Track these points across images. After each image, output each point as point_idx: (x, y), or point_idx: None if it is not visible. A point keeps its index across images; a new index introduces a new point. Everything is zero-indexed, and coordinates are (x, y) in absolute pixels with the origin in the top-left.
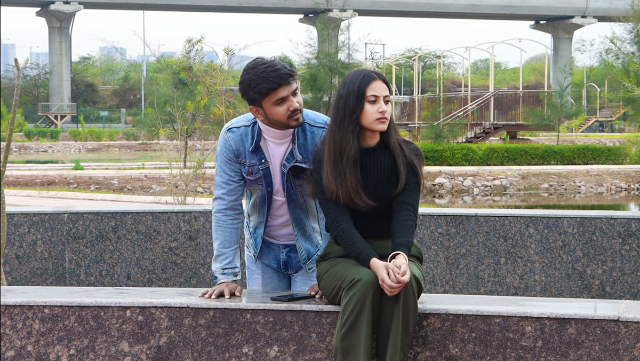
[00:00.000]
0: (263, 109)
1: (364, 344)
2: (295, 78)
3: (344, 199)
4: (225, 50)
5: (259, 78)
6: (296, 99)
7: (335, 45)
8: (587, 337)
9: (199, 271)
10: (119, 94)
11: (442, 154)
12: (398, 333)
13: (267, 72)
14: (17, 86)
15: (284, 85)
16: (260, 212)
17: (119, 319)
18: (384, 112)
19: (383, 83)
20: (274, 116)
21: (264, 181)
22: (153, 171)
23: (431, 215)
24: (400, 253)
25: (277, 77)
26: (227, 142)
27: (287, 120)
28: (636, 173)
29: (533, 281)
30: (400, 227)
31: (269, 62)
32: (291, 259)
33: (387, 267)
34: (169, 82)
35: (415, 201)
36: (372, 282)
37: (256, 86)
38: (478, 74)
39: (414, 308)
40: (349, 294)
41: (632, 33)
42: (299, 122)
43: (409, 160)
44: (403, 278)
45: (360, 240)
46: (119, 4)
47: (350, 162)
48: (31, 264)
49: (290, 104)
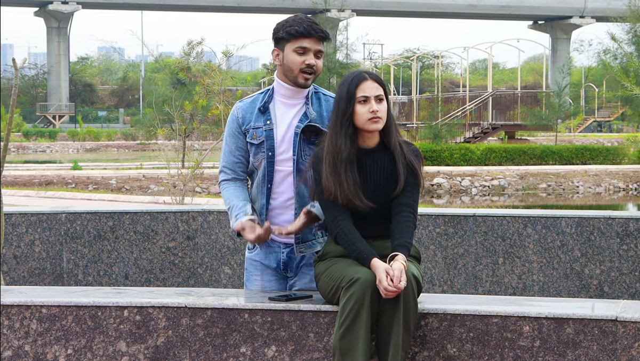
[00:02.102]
0: (283, 52)
1: (363, 343)
2: (325, 41)
3: (342, 200)
4: (224, 52)
5: (296, 22)
6: (316, 60)
7: (334, 45)
8: (585, 337)
9: (197, 271)
10: (117, 94)
11: (441, 154)
12: (399, 332)
13: (305, 21)
14: (15, 86)
15: (313, 37)
16: (262, 191)
17: (116, 319)
18: (375, 111)
19: (375, 83)
20: (290, 63)
21: (266, 144)
22: (151, 171)
23: (429, 215)
24: (398, 255)
25: (310, 27)
26: (235, 114)
27: (298, 72)
28: (634, 173)
29: (531, 281)
30: (399, 228)
31: (311, 18)
32: (292, 260)
33: (387, 270)
34: (167, 82)
35: (414, 202)
36: (371, 281)
37: (290, 26)
38: (476, 74)
39: (414, 307)
40: (347, 293)
41: (629, 33)
42: (307, 82)
43: (409, 161)
44: (400, 285)
45: (361, 240)
46: (117, 4)
47: (346, 164)
48: (29, 264)
49: (308, 58)
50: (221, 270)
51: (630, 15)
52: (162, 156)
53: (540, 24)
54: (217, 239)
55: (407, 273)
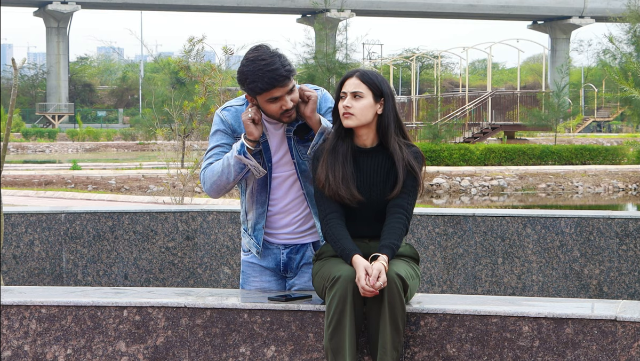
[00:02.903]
0: (257, 100)
1: (350, 340)
2: (292, 77)
3: (329, 192)
4: (224, 49)
5: (255, 75)
6: (291, 97)
7: (333, 45)
8: (584, 337)
9: (196, 271)
10: (117, 94)
11: (440, 155)
12: (386, 331)
13: (263, 71)
14: (15, 86)
15: (279, 86)
16: (260, 201)
17: (116, 319)
18: (346, 107)
19: (357, 80)
20: (267, 111)
21: (265, 156)
22: (150, 171)
23: (429, 215)
24: (380, 255)
25: (273, 78)
26: (224, 119)
27: (279, 116)
28: (633, 173)
29: (530, 281)
30: (387, 229)
31: (269, 58)
32: (291, 261)
33: (366, 268)
34: (167, 82)
35: (409, 205)
36: (352, 278)
37: (251, 82)
38: (476, 74)
39: (400, 305)
40: (331, 293)
41: (629, 33)
42: (290, 119)
43: (408, 163)
44: (377, 284)
45: (346, 238)
46: (117, 4)
47: (338, 158)
48: (28, 264)
49: (284, 103)
50: (220, 270)
51: (630, 15)
52: (161, 156)
53: (539, 24)
54: (216, 239)
55: (390, 273)
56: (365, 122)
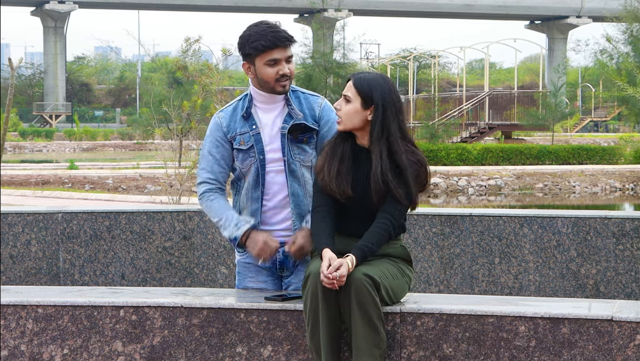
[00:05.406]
0: (255, 66)
1: (328, 335)
2: (292, 45)
3: (322, 182)
4: (223, 50)
5: (258, 35)
6: (288, 65)
7: (331, 45)
8: (580, 337)
9: (193, 271)
10: (114, 93)
11: (437, 154)
12: (358, 332)
13: (267, 31)
14: (11, 86)
15: (280, 47)
16: (254, 197)
17: (112, 319)
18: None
19: (351, 83)
20: (263, 76)
21: (256, 148)
22: (148, 170)
23: (425, 215)
24: (349, 255)
25: (275, 37)
26: (218, 123)
27: (274, 83)
28: (631, 173)
29: (527, 281)
30: (368, 232)
31: (271, 23)
32: (288, 259)
33: (330, 259)
34: (164, 82)
35: (397, 211)
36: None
37: (254, 41)
38: (473, 74)
39: (373, 304)
40: (305, 290)
41: (625, 33)
42: (285, 89)
43: (404, 171)
44: (334, 274)
45: (324, 232)
46: (114, 4)
47: (336, 153)
48: (25, 263)
49: (281, 68)
50: (217, 270)
51: (626, 15)
52: (159, 155)
53: (537, 23)
54: (213, 239)
55: (357, 274)
56: (352, 127)
